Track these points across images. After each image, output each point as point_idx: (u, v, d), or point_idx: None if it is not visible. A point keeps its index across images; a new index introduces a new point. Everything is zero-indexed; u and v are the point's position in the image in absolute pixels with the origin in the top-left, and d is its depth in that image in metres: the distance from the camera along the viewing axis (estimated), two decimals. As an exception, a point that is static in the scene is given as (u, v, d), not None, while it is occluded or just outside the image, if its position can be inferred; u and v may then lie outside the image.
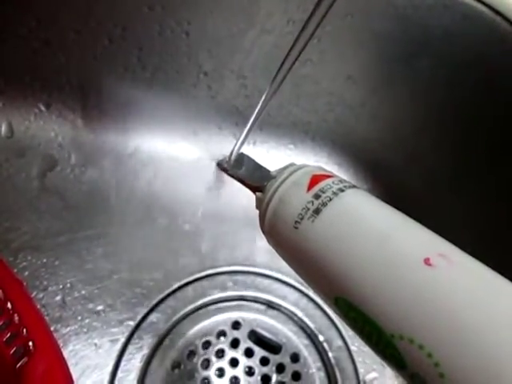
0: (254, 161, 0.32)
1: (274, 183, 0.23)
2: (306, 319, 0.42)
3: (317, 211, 0.20)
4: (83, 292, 0.37)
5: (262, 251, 0.44)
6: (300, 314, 0.42)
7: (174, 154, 0.44)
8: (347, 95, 0.41)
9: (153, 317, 0.38)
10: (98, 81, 0.39)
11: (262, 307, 0.42)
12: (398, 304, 0.16)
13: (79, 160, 0.41)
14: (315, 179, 0.22)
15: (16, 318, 0.24)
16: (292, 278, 0.44)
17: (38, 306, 0.34)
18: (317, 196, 0.20)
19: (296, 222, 0.20)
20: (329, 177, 0.22)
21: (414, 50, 0.36)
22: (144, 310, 0.38)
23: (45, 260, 0.37)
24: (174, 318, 0.38)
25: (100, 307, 0.37)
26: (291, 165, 0.25)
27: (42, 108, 0.40)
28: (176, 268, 0.41)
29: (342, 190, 0.20)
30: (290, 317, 0.42)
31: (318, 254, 0.19)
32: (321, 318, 0.43)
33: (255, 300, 0.42)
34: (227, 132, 0.44)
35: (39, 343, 0.23)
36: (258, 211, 0.25)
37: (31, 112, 0.40)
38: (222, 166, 0.33)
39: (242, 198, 0.45)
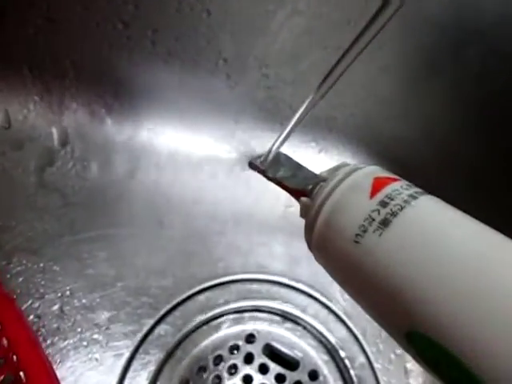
0: (293, 160, 0.28)
1: (326, 187, 0.20)
2: (326, 333, 0.39)
3: (385, 222, 0.16)
4: (84, 301, 0.33)
5: (279, 258, 0.41)
6: (319, 327, 0.39)
7: (187, 150, 0.40)
8: (380, 88, 0.37)
9: (160, 329, 0.35)
10: (106, 67, 0.35)
11: (279, 319, 0.39)
12: (501, 344, 0.12)
13: (82, 154, 0.38)
14: (379, 183, 0.18)
15: (5, 341, 0.20)
16: (311, 287, 0.40)
17: (33, 317, 0.31)
18: (384, 204, 0.17)
19: (357, 235, 0.17)
20: (395, 180, 0.18)
21: (461, 38, 0.32)
22: (151, 322, 0.35)
23: (42, 264, 0.34)
24: (184, 331, 0.36)
25: (102, 318, 0.34)
26: (344, 165, 0.21)
27: (43, 96, 0.36)
28: (186, 275, 0.37)
29: (415, 197, 0.17)
30: (309, 330, 0.39)
31: (388, 275, 0.16)
32: (342, 331, 0.39)
33: (271, 311, 0.39)
34: (244, 126, 0.40)
35: (31, 373, 0.20)
36: (299, 219, 0.22)
37: (30, 100, 0.36)
38: (255, 166, 0.29)
39: (259, 199, 0.41)
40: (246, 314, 0.38)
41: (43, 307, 0.33)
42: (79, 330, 0.33)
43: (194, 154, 0.41)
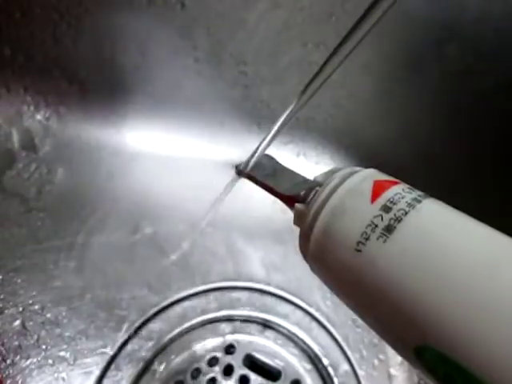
0: (282, 164, 0.27)
1: (323, 191, 0.18)
2: (308, 340, 0.38)
3: (389, 229, 0.15)
4: (49, 315, 0.31)
5: (259, 264, 0.39)
6: (302, 334, 0.38)
7: (162, 152, 0.38)
8: (359, 88, 0.36)
9: (134, 343, 0.33)
10: (71, 64, 0.32)
11: (259, 328, 0.37)
12: None
13: (48, 156, 0.35)
14: (379, 186, 0.17)
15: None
16: (293, 294, 0.39)
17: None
18: (386, 208, 0.16)
19: (359, 242, 0.16)
20: (395, 183, 0.17)
21: (442, 35, 0.31)
22: (123, 336, 0.33)
23: (0, 276, 0.31)
24: (159, 344, 0.34)
25: (69, 333, 0.31)
26: (338, 169, 0.20)
27: (1, 94, 0.33)
28: (161, 284, 0.36)
29: (419, 201, 0.16)
30: (291, 338, 0.38)
31: (394, 286, 0.15)
32: (325, 338, 0.38)
33: (251, 320, 0.37)
34: (222, 127, 0.39)
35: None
36: (294, 227, 0.20)
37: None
38: (241, 171, 0.28)
39: (237, 204, 0.40)
40: (225, 324, 0.37)
41: (3, 323, 0.30)
42: (44, 347, 0.30)
43: (169, 157, 0.39)
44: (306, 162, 0.44)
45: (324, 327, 0.39)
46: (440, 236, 0.15)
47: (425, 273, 0.14)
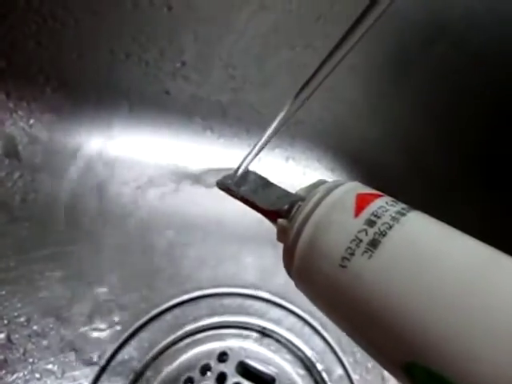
0: (265, 178, 0.26)
1: (305, 206, 0.18)
2: (302, 346, 0.37)
3: (374, 243, 0.15)
4: (35, 327, 0.30)
5: (251, 269, 0.39)
6: (295, 340, 0.37)
7: (149, 158, 0.37)
8: (348, 90, 0.36)
9: (124, 353, 0.32)
10: (54, 69, 0.32)
11: (252, 334, 0.37)
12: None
13: (32, 164, 0.34)
14: (363, 200, 0.17)
15: None
16: (285, 299, 0.38)
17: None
18: (371, 223, 0.15)
19: (344, 258, 0.15)
20: (379, 196, 0.17)
21: (428, 35, 0.32)
22: (113, 346, 0.32)
23: (-15, 288, 0.30)
24: (150, 354, 0.33)
25: (57, 345, 0.30)
26: (321, 182, 0.19)
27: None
28: (152, 293, 0.35)
29: (403, 214, 0.16)
30: (284, 344, 0.37)
31: (380, 302, 0.14)
32: (319, 343, 0.38)
33: (244, 326, 0.37)
34: (213, 133, 0.38)
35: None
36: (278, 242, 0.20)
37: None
38: (224, 186, 0.27)
39: (227, 209, 0.39)
40: (218, 331, 0.36)
41: (-13, 337, 0.29)
42: (30, 360, 0.29)
43: (157, 165, 0.38)
44: (295, 166, 0.44)
45: (317, 332, 0.38)
46: (425, 250, 0.14)
47: (411, 288, 0.14)
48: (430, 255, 0.14)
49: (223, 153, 0.40)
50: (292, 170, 0.44)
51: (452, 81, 0.35)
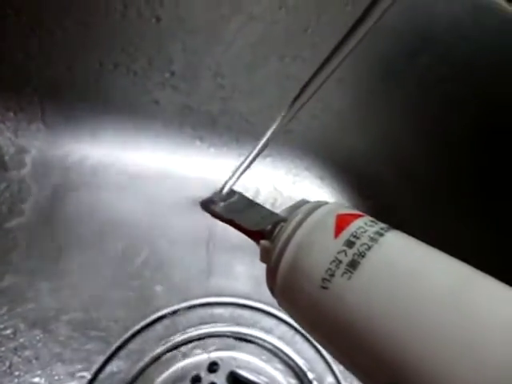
0: (248, 198, 0.26)
1: (287, 227, 0.18)
2: (293, 355, 0.37)
3: (353, 264, 0.15)
4: (21, 340, 0.29)
5: (241, 278, 0.38)
6: (286, 349, 0.37)
7: (138, 168, 0.37)
8: (336, 100, 0.37)
9: (113, 365, 0.31)
10: (50, 76, 0.31)
11: (243, 344, 0.36)
12: None
13: (19, 174, 0.33)
14: (342, 220, 0.17)
15: None
16: (276, 308, 0.38)
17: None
18: (350, 243, 0.16)
19: (324, 279, 0.15)
20: (358, 216, 0.17)
21: (415, 46, 0.32)
22: (101, 358, 0.31)
23: (-30, 300, 0.30)
24: (139, 365, 0.32)
25: (44, 358, 0.29)
26: (303, 202, 0.20)
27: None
28: (141, 303, 0.34)
29: (381, 234, 0.16)
30: (275, 353, 0.37)
31: (361, 323, 0.14)
32: (309, 352, 0.38)
33: (234, 336, 0.36)
34: (203, 142, 0.38)
35: None
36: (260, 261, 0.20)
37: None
38: (207, 207, 0.27)
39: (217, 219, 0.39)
40: (208, 341, 0.35)
41: (-28, 350, 0.28)
42: (16, 373, 0.28)
43: (145, 175, 0.38)
44: (284, 175, 0.44)
45: (308, 340, 0.38)
46: (403, 271, 0.14)
47: (390, 310, 0.14)
48: (407, 276, 0.14)
49: (213, 162, 0.40)
50: (281, 179, 0.44)
51: (440, 91, 0.35)
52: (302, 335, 0.38)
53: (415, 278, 0.14)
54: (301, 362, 0.37)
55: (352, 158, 0.41)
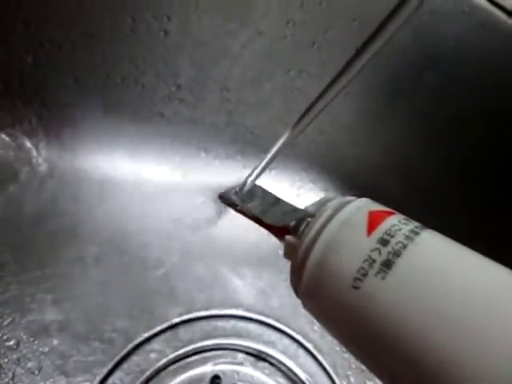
0: (271, 193, 0.25)
1: (315, 223, 0.17)
2: (295, 369, 0.37)
3: (388, 264, 0.14)
4: (24, 351, 0.29)
5: (245, 291, 0.38)
6: (289, 363, 0.37)
7: (144, 180, 0.37)
8: (343, 114, 0.37)
9: (115, 378, 0.31)
10: (57, 88, 0.32)
11: (246, 357, 0.36)
12: None
13: (19, 183, 0.34)
14: (375, 217, 0.16)
15: None
16: (279, 321, 0.38)
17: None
18: (384, 242, 0.15)
19: (356, 279, 0.15)
20: (391, 213, 0.17)
21: (422, 63, 0.32)
22: (104, 370, 0.31)
23: (-27, 312, 0.29)
24: (142, 378, 0.32)
25: (46, 370, 0.29)
26: (330, 198, 0.19)
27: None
28: (144, 315, 0.34)
29: (417, 233, 0.15)
30: (278, 367, 0.37)
31: (395, 326, 0.13)
32: (312, 366, 0.38)
33: (237, 349, 0.36)
34: (208, 154, 0.38)
35: None
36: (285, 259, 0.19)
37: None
38: (227, 199, 0.26)
39: (222, 229, 0.39)
40: (211, 354, 0.35)
41: (-25, 362, 0.28)
42: (19, 385, 0.28)
43: (149, 187, 0.38)
44: (289, 187, 0.44)
45: (311, 354, 0.38)
46: (442, 271, 0.14)
47: (428, 310, 0.13)
48: (445, 276, 0.14)
49: (218, 174, 0.40)
50: (286, 191, 0.44)
51: (446, 107, 0.35)
52: (305, 349, 0.38)
53: (454, 278, 0.13)
54: (303, 376, 0.37)
55: (358, 171, 0.41)
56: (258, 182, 0.29)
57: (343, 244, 0.16)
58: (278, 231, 0.20)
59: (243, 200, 0.24)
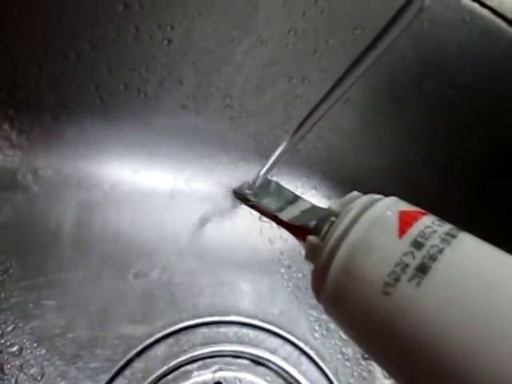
0: (288, 190, 0.24)
1: (341, 223, 0.16)
2: (298, 376, 0.37)
3: (423, 268, 0.13)
4: (28, 357, 0.29)
5: (247, 298, 0.38)
6: (291, 370, 0.37)
7: (146, 186, 0.37)
8: (343, 120, 0.37)
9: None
10: (60, 97, 0.32)
11: (248, 363, 0.36)
12: None
13: (22, 190, 0.34)
14: (406, 218, 0.15)
15: None
16: (281, 328, 0.38)
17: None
18: (418, 244, 0.14)
19: (387, 284, 0.14)
20: (423, 214, 0.16)
21: (423, 71, 0.33)
22: (106, 377, 0.31)
23: (-24, 318, 0.29)
24: (144, 384, 0.32)
25: (49, 376, 0.29)
26: (356, 196, 0.18)
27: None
28: (146, 321, 0.34)
29: (453, 236, 0.14)
30: (280, 374, 0.37)
31: (431, 337, 0.12)
32: (315, 373, 0.37)
33: (239, 355, 0.36)
34: (211, 161, 0.38)
35: None
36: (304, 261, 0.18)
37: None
38: (241, 195, 0.25)
39: (224, 235, 0.39)
40: (213, 360, 0.35)
41: (-22, 367, 0.28)
42: (22, 391, 0.28)
43: (152, 192, 0.38)
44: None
45: (313, 361, 0.38)
46: (482, 277, 0.13)
47: (469, 320, 0.12)
48: (487, 283, 0.12)
49: (220, 180, 0.40)
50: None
51: (446, 114, 0.35)
52: (308, 356, 0.38)
53: (496, 284, 0.12)
54: (305, 383, 0.37)
55: (359, 178, 0.41)
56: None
57: (372, 246, 0.15)
58: (295, 230, 0.19)
59: (257, 195, 0.23)
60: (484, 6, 0.30)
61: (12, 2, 0.26)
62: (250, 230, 0.40)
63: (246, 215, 0.39)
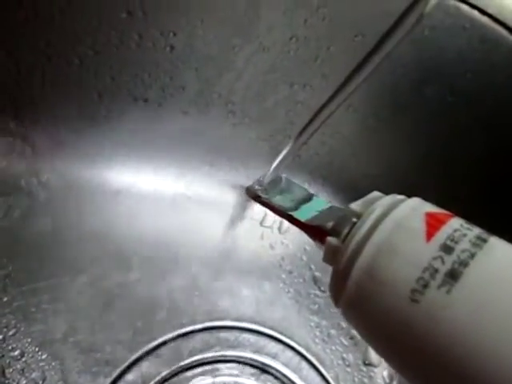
0: (304, 189, 0.23)
1: (363, 224, 0.15)
2: (298, 381, 0.37)
3: (453, 274, 0.12)
4: (29, 361, 0.29)
5: (248, 303, 0.38)
6: (292, 375, 0.37)
7: (150, 192, 0.37)
8: (344, 126, 0.37)
9: (118, 389, 0.31)
10: (63, 103, 0.32)
11: (248, 369, 0.36)
12: None
13: (23, 195, 0.34)
14: (434, 220, 0.14)
15: None
16: (282, 333, 0.38)
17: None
18: (447, 248, 0.13)
19: (415, 291, 0.13)
20: (450, 216, 0.15)
21: (423, 77, 0.33)
22: (107, 381, 0.31)
23: (-21, 321, 0.30)
24: (144, 389, 0.32)
25: (50, 380, 0.30)
26: (378, 196, 0.17)
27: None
28: (146, 326, 0.34)
29: (484, 240, 0.13)
30: (280, 379, 0.36)
31: (462, 348, 0.11)
32: (316, 379, 0.37)
33: (240, 361, 0.36)
34: (212, 167, 0.39)
35: None
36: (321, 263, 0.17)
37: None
38: (253, 194, 0.24)
39: (223, 240, 0.39)
40: (213, 366, 0.35)
41: (-20, 371, 0.28)
42: (23, 396, 0.28)
43: (154, 196, 0.38)
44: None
45: (314, 367, 0.38)
46: None
47: (505, 330, 0.11)
48: None
49: (222, 185, 0.40)
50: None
51: (447, 120, 0.35)
52: (308, 361, 0.38)
53: None
54: (306, 389, 0.37)
55: (361, 183, 0.41)
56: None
57: (398, 249, 0.14)
58: (312, 230, 0.18)
59: (269, 192, 0.22)
60: (484, 13, 0.30)
61: (18, 6, 0.26)
62: (251, 235, 0.40)
63: (247, 220, 0.40)
